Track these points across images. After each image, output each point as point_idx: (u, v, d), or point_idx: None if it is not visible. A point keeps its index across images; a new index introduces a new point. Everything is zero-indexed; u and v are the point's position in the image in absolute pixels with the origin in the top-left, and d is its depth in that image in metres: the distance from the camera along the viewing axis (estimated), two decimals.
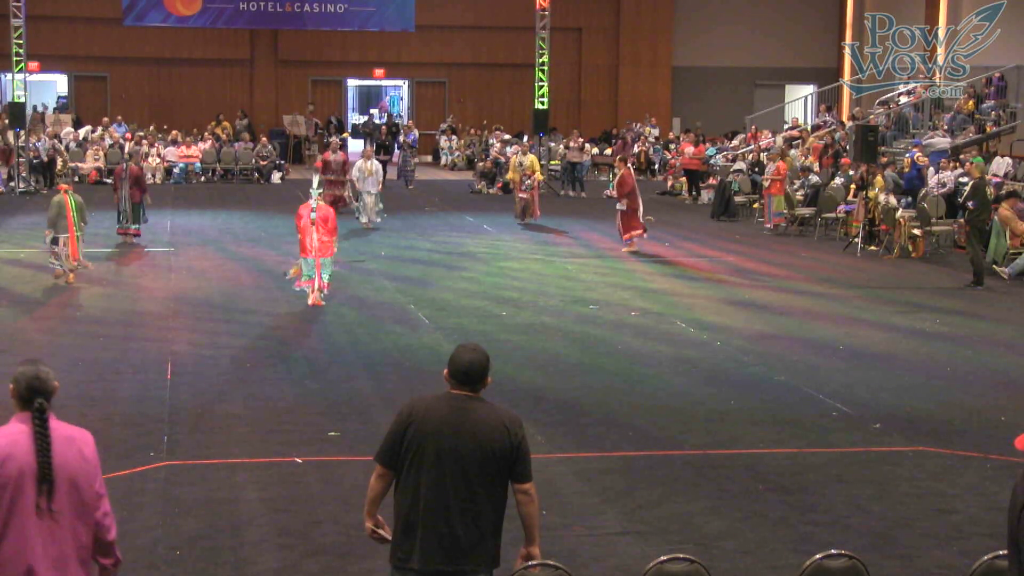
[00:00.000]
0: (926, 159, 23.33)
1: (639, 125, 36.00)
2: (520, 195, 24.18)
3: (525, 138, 29.72)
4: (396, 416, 5.29)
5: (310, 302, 15.11)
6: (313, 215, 15.09)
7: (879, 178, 21.10)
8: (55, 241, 16.36)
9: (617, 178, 20.60)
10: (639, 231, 20.24)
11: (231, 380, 11.52)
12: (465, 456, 5.10)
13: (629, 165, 21.19)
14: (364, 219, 22.93)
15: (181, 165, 31.88)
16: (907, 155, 23.45)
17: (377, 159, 31.33)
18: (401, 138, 33.16)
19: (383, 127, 35.61)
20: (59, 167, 30.45)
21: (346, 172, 25.46)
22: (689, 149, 30.08)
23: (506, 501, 5.25)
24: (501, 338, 13.45)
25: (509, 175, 24.79)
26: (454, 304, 15.52)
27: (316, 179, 15.91)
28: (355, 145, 33.57)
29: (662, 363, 12.51)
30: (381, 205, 23.32)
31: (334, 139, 30.13)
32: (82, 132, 33.40)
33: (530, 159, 24.55)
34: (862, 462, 9.39)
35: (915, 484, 8.87)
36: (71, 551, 4.36)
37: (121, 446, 9.41)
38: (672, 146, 34.14)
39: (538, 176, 24.58)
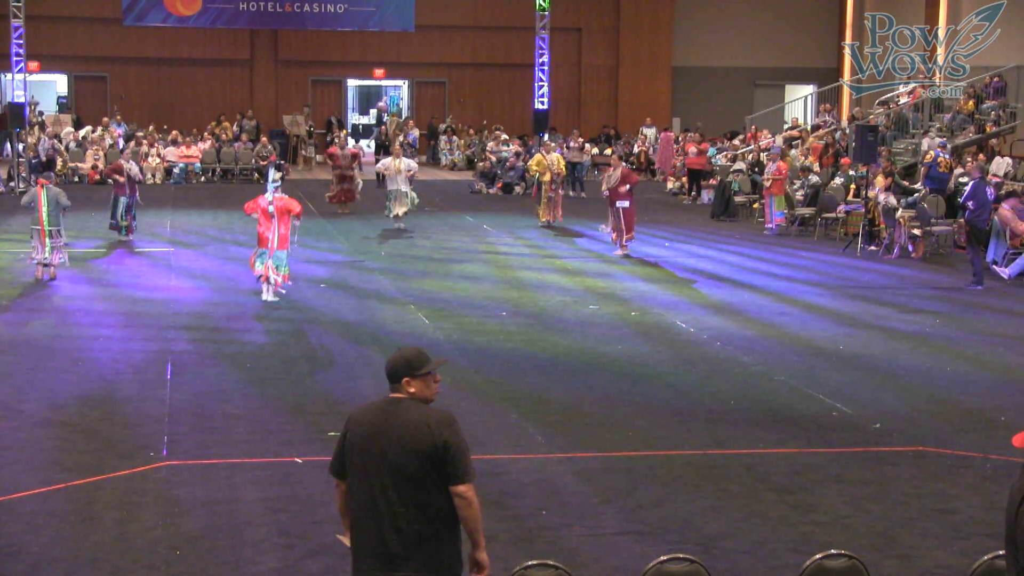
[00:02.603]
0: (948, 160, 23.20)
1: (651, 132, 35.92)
2: (550, 194, 23.50)
3: (546, 136, 29.43)
4: None
5: (263, 296, 15.26)
6: (271, 208, 15.08)
7: (879, 178, 21.10)
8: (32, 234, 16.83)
9: (618, 174, 20.09)
10: (631, 233, 20.04)
11: (231, 380, 11.52)
12: (390, 459, 4.94)
13: (624, 164, 21.06)
14: (392, 214, 22.41)
15: (181, 165, 31.88)
16: (942, 155, 23.27)
17: (377, 158, 31.47)
18: (401, 138, 33.16)
19: (383, 127, 35.62)
20: (59, 167, 30.46)
21: (354, 166, 25.41)
22: (692, 149, 30.05)
23: (450, 504, 4.97)
24: (501, 338, 13.46)
25: (535, 170, 23.97)
26: (454, 304, 15.52)
27: (273, 172, 16.03)
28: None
29: (662, 363, 12.51)
30: (410, 203, 22.60)
31: (340, 135, 30.14)
32: (82, 132, 33.41)
33: (555, 157, 24.15)
34: (862, 462, 9.38)
35: (915, 484, 8.86)
36: None
37: (121, 446, 9.42)
38: (672, 146, 34.13)
39: (553, 176, 23.82)
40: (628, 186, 19.80)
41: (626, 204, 19.77)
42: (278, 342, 13.33)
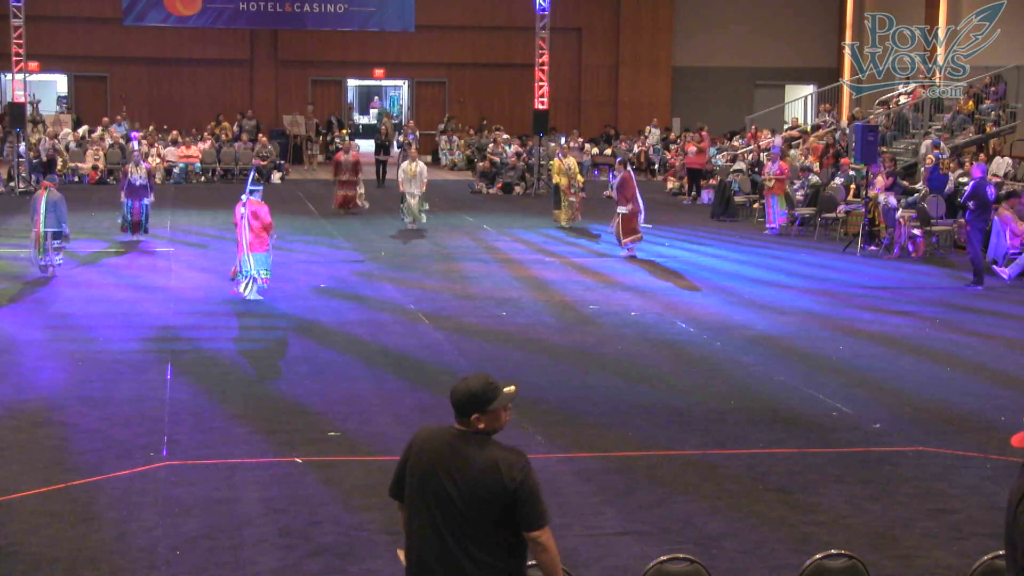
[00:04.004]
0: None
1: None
2: (571, 199, 23.50)
3: (564, 139, 29.27)
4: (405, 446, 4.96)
5: (245, 294, 15.40)
6: (243, 209, 15.17)
7: (880, 178, 21.10)
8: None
9: (617, 181, 20.27)
10: (637, 236, 20.00)
11: (231, 380, 11.52)
12: (455, 498, 4.64)
13: (629, 168, 21.02)
14: (408, 219, 22.54)
15: (181, 165, 31.88)
16: (941, 156, 23.25)
17: (377, 158, 31.49)
18: (401, 138, 33.14)
19: (382, 127, 35.63)
20: (59, 167, 30.45)
21: (358, 173, 25.38)
22: (692, 149, 30.02)
23: (522, 548, 4.77)
24: (501, 338, 13.46)
25: (556, 179, 23.87)
26: (454, 304, 15.52)
27: (251, 175, 16.16)
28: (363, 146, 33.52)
29: (662, 363, 12.51)
30: (427, 205, 22.90)
31: (346, 140, 30.11)
32: (81, 132, 33.39)
33: (571, 161, 24.02)
34: (862, 462, 9.38)
35: (915, 484, 8.86)
36: None
37: (121, 446, 9.42)
38: (672, 146, 34.13)
39: (570, 180, 23.77)
40: (624, 193, 19.80)
41: (624, 210, 19.77)
42: (278, 342, 13.33)
